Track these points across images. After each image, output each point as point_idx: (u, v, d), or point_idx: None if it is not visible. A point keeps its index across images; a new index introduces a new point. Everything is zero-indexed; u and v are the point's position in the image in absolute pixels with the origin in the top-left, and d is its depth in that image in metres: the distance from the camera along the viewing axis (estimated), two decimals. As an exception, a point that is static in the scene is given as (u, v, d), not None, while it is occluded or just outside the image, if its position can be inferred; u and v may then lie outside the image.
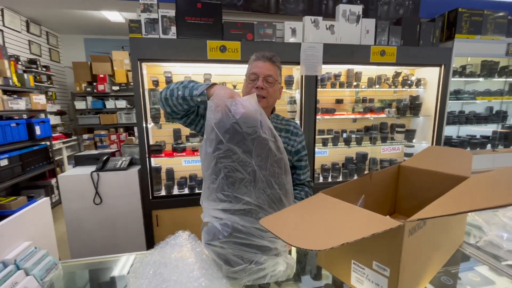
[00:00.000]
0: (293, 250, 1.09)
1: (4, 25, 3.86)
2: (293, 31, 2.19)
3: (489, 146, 2.95)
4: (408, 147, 2.86)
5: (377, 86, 2.64)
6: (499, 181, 0.60)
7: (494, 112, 3.05)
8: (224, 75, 2.39)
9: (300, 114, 2.32)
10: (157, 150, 2.22)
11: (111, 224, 2.08)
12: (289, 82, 2.37)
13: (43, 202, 0.91)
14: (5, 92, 3.02)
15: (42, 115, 3.62)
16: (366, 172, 2.74)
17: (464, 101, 2.85)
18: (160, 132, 2.43)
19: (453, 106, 2.96)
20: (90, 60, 4.62)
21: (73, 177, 2.00)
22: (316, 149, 2.44)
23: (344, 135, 2.67)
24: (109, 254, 0.99)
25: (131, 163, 2.21)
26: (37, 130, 3.33)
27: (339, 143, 2.63)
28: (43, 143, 3.51)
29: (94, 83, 4.62)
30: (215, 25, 2.02)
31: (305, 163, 1.15)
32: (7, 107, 2.94)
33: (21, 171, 3.08)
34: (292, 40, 2.21)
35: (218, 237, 0.69)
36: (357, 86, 2.60)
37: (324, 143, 2.60)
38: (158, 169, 2.30)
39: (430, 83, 2.67)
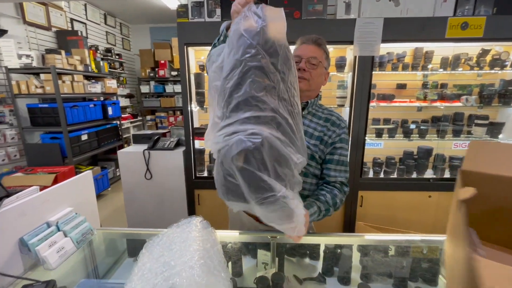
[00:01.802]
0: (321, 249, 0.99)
1: (87, 19, 4.48)
2: (348, 6, 1.93)
3: None
4: (491, 144, 2.31)
5: (454, 68, 2.17)
6: None
7: None
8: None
9: (350, 100, 2.08)
10: (201, 133, 2.30)
11: (159, 198, 2.28)
12: (341, 65, 2.13)
13: (87, 174, 1.01)
14: (86, 77, 3.54)
15: (113, 98, 4.15)
16: (429, 170, 2.35)
17: None
18: (206, 115, 2.51)
19: None
20: (154, 47, 5.04)
21: (129, 154, 2.23)
22: (369, 140, 2.18)
23: (404, 125, 2.31)
24: (157, 225, 1.05)
25: (178, 144, 2.36)
26: (110, 110, 3.84)
27: (396, 135, 2.29)
28: (114, 122, 4.05)
29: (156, 69, 5.05)
30: (260, 3, 1.91)
31: (340, 159, 1.00)
32: (87, 90, 3.44)
33: (97, 145, 3.63)
34: (346, 16, 1.95)
35: (245, 149, 0.60)
36: (425, 68, 2.19)
37: (379, 134, 2.30)
38: (201, 151, 2.40)
39: (534, 63, 2.06)
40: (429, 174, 2.33)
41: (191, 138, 2.19)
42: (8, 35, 3.04)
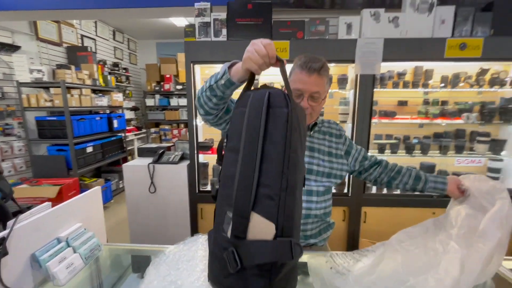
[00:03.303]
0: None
1: (96, 35, 4.65)
2: (349, 26, 2.00)
3: None
4: (494, 160, 2.32)
5: (453, 86, 2.21)
6: None
7: None
8: (272, 74, 2.35)
9: (352, 117, 2.12)
10: (205, 147, 2.33)
11: (162, 212, 2.29)
12: (342, 82, 2.19)
13: (95, 190, 1.04)
14: (93, 91, 3.64)
15: (119, 111, 4.24)
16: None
17: None
18: (210, 130, 2.56)
19: None
20: (159, 62, 5.18)
21: (134, 167, 2.26)
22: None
23: (406, 141, 2.33)
24: (160, 239, 1.07)
25: (182, 158, 2.39)
26: (115, 123, 3.91)
27: (399, 151, 2.31)
28: (119, 134, 4.11)
29: (162, 83, 5.17)
30: (264, 25, 2.00)
31: (361, 148, 1.15)
32: (94, 103, 3.53)
33: (101, 157, 3.67)
34: (347, 36, 2.02)
35: None
36: (426, 86, 2.24)
37: (381, 149, 2.32)
38: (205, 165, 2.42)
39: (532, 82, 2.10)
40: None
41: (195, 152, 2.22)
42: (21, 51, 3.16)
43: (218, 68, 2.47)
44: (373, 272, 0.71)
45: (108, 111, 4.02)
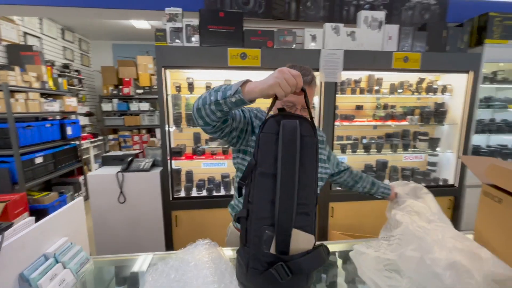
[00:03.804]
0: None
1: (42, 33, 4.18)
2: (313, 38, 2.19)
3: (522, 157, 2.76)
4: (432, 155, 2.75)
5: (400, 91, 2.57)
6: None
7: (528, 120, 2.86)
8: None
9: (319, 120, 2.31)
10: (178, 152, 2.30)
11: (133, 222, 2.18)
12: (308, 88, 2.37)
13: (78, 202, 0.99)
14: (41, 95, 3.27)
15: (73, 116, 3.87)
16: (386, 181, 2.67)
17: (495, 108, 2.70)
18: (181, 135, 2.52)
19: (483, 114, 2.81)
20: (117, 64, 4.87)
21: (100, 177, 2.12)
22: (334, 156, 2.42)
23: (364, 141, 2.62)
24: (131, 250, 1.06)
25: (154, 165, 2.31)
26: (69, 130, 3.56)
27: (358, 150, 2.59)
28: (73, 142, 3.75)
29: (120, 86, 4.86)
30: (236, 33, 2.07)
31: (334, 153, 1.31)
32: (43, 109, 3.18)
33: (53, 168, 3.31)
34: (312, 46, 2.21)
35: None
36: (378, 92, 2.55)
37: (343, 149, 2.56)
38: (178, 171, 2.38)
39: (457, 89, 2.56)
40: (386, 183, 2.64)
41: (168, 158, 2.18)
42: None
43: (190, 73, 2.46)
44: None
45: (58, 117, 3.64)
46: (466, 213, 2.57)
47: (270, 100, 0.71)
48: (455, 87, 2.59)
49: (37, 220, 0.81)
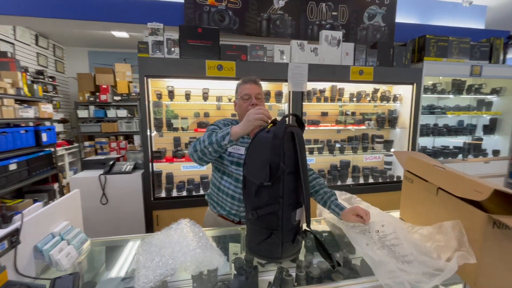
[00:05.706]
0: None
1: (15, 39, 4.13)
2: (282, 53, 2.50)
3: (460, 155, 3.25)
4: (387, 156, 3.15)
5: (358, 100, 2.94)
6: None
7: (465, 125, 3.38)
8: (220, 89, 2.67)
9: (288, 125, 2.59)
10: (159, 156, 2.45)
11: (115, 222, 2.28)
12: (279, 97, 2.66)
13: (75, 193, 1.14)
14: (16, 101, 3.25)
15: (47, 123, 3.84)
16: (349, 179, 3.01)
17: (437, 115, 3.18)
18: (162, 139, 2.68)
19: (427, 119, 3.28)
20: (94, 71, 4.89)
21: (83, 179, 2.22)
22: (303, 157, 2.71)
23: (329, 144, 2.95)
24: None
25: (135, 168, 2.44)
26: (44, 137, 3.54)
27: (324, 152, 2.90)
28: (47, 149, 3.71)
29: (97, 93, 4.87)
30: (213, 47, 2.31)
31: None
32: (18, 115, 3.16)
33: (27, 175, 3.27)
34: (280, 60, 2.51)
35: None
36: (340, 100, 2.90)
37: (311, 151, 2.87)
38: (159, 174, 2.53)
39: (406, 98, 2.99)
40: (349, 181, 2.98)
41: (150, 161, 2.33)
42: None
43: (170, 81, 2.65)
44: None
45: (31, 124, 3.60)
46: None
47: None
48: (404, 97, 3.02)
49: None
